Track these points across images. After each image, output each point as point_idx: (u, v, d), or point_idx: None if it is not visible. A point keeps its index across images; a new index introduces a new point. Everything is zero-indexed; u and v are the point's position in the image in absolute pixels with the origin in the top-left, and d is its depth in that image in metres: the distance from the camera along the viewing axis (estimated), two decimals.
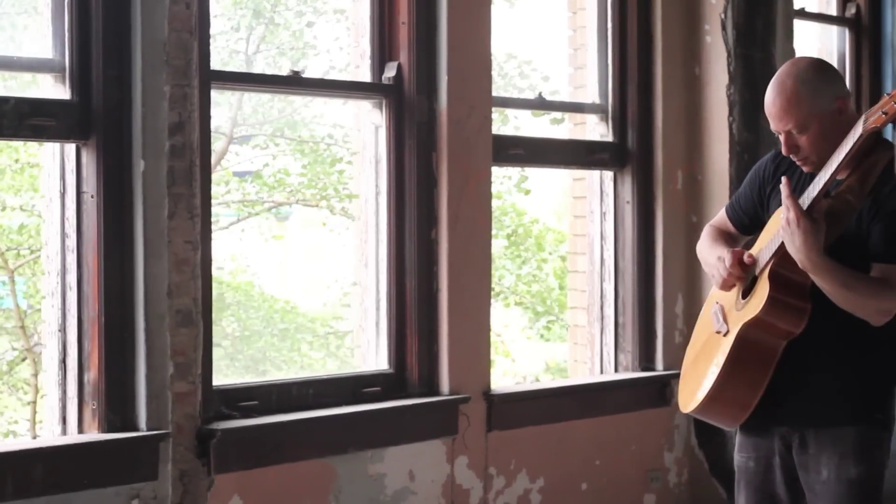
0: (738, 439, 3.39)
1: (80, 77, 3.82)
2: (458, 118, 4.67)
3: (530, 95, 7.50)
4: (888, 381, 3.21)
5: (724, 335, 3.19)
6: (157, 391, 3.90)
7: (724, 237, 3.44)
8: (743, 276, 3.20)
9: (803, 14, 5.96)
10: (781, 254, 3.04)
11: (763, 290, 3.07)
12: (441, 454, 4.64)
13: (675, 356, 5.49)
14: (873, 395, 3.18)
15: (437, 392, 4.67)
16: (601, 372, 5.49)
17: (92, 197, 3.84)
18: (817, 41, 6.59)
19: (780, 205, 3.07)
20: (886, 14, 6.53)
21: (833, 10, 6.54)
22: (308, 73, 5.44)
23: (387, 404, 4.53)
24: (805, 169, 3.13)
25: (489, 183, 4.84)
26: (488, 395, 4.80)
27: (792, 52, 5.67)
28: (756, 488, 3.34)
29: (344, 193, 7.86)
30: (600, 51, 5.41)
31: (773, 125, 3.12)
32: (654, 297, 5.46)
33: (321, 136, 8.14)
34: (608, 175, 5.46)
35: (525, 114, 5.86)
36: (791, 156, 3.12)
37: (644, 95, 5.43)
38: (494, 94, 4.92)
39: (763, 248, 3.15)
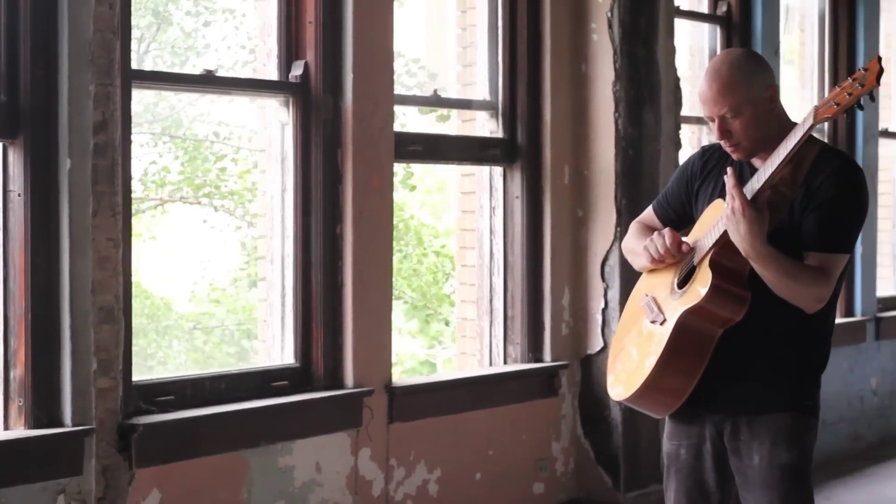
0: (668, 427, 3.67)
1: (9, 77, 4.13)
2: (362, 115, 5.11)
3: (418, 93, 7.98)
4: (817, 369, 3.53)
5: (661, 324, 3.46)
6: (81, 387, 4.25)
7: (651, 232, 3.69)
8: (677, 262, 3.52)
9: (677, 12, 6.55)
10: (723, 243, 3.34)
11: (705, 277, 3.36)
12: (346, 446, 5.09)
13: (563, 348, 6.05)
14: (804, 382, 3.49)
15: (341, 385, 5.11)
16: (490, 364, 6.01)
17: (19, 195, 4.16)
18: (689, 38, 7.21)
19: (709, 199, 3.50)
20: (756, 12, 7.18)
21: (705, 8, 7.17)
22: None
23: (294, 398, 4.94)
24: (735, 156, 3.45)
25: (391, 179, 5.29)
26: (390, 388, 5.26)
27: (673, 49, 6.27)
28: (686, 475, 3.61)
29: (225, 191, 8.19)
30: (490, 49, 5.90)
31: (708, 111, 3.42)
32: (543, 290, 5.99)
33: (205, 135, 8.45)
34: (498, 170, 5.96)
35: (412, 111, 6.29)
36: (723, 141, 3.44)
37: (533, 92, 5.94)
38: None
39: (701, 238, 3.46)
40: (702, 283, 3.38)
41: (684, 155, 6.79)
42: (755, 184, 3.31)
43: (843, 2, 8.05)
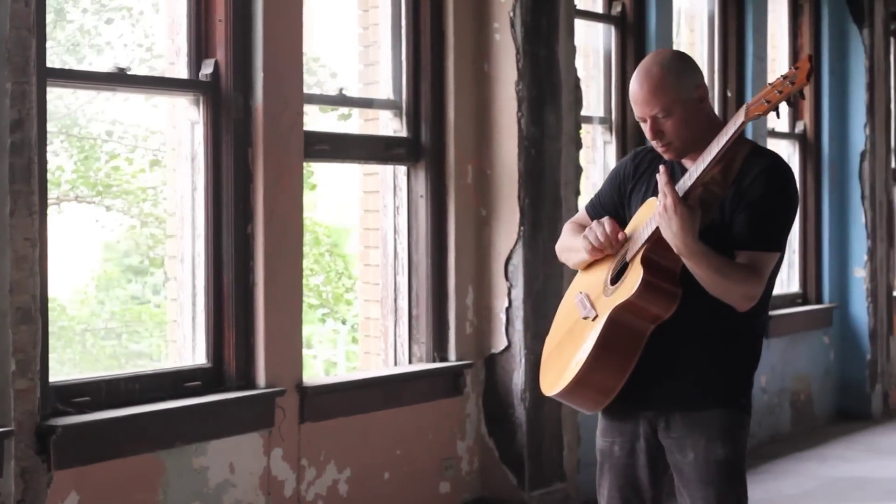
0: (601, 424, 3.83)
1: None
2: (273, 114, 5.31)
3: (318, 91, 8.18)
4: (750, 366, 3.72)
5: (593, 320, 3.63)
6: (0, 389, 4.38)
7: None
8: (611, 257, 3.70)
9: (573, 12, 6.85)
10: (654, 240, 3.52)
11: (636, 273, 3.53)
12: (259, 446, 5.28)
13: (467, 347, 6.32)
14: (737, 379, 3.69)
15: (253, 385, 5.31)
16: (395, 364, 6.24)
17: None
18: (583, 39, 7.53)
19: (642, 200, 3.70)
20: (651, 12, 7.54)
21: (599, 8, 7.51)
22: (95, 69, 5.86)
23: (207, 399, 5.13)
24: (667, 156, 3.64)
25: (301, 178, 5.50)
26: (301, 388, 5.47)
27: (573, 49, 6.58)
28: (619, 472, 3.77)
29: (118, 190, 8.29)
30: (394, 48, 6.15)
31: (639, 111, 3.61)
32: (447, 289, 6.25)
33: (98, 133, 8.52)
34: (402, 170, 6.21)
35: (313, 109, 6.49)
36: (654, 141, 3.63)
37: (437, 91, 6.20)
38: None
39: (633, 236, 3.63)
40: (633, 280, 3.55)
41: (585, 155, 7.13)
42: (687, 182, 3.49)
43: (733, 3, 8.46)
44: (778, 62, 9.35)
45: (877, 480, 7.45)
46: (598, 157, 7.54)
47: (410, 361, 6.24)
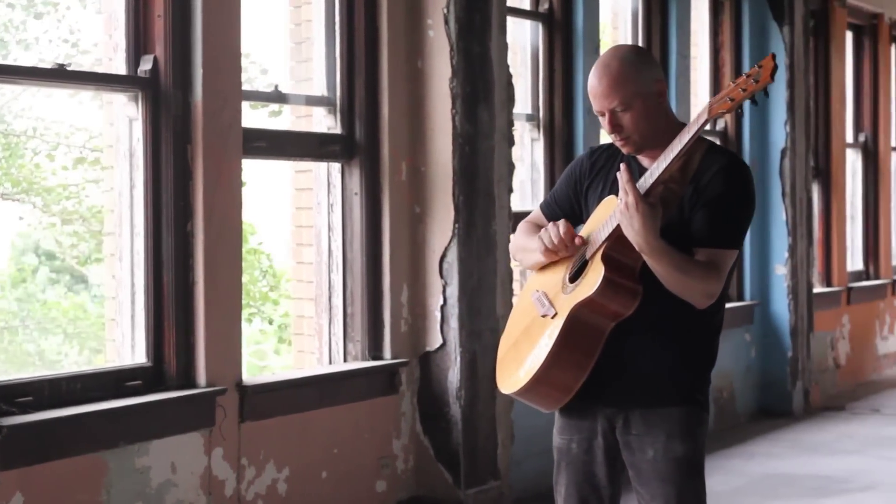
0: (558, 422, 3.92)
1: None
2: (212, 111, 5.42)
3: (248, 88, 8.27)
4: (708, 364, 3.83)
5: (553, 317, 3.72)
6: None
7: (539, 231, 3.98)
8: (568, 257, 3.80)
9: (505, 9, 7.03)
10: (615, 238, 3.61)
11: (597, 271, 3.62)
12: (199, 446, 5.39)
13: (402, 345, 6.47)
14: (696, 377, 3.79)
15: (194, 384, 5.41)
16: (330, 362, 6.38)
17: None
18: (511, 36, 7.72)
19: (599, 198, 3.81)
20: (578, 9, 7.75)
21: (527, 5, 7.70)
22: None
23: (148, 398, 5.22)
24: (625, 150, 3.75)
25: (240, 175, 5.61)
26: (241, 387, 5.59)
27: (505, 46, 6.76)
28: (577, 470, 3.87)
29: (39, 188, 8.30)
30: (328, 44, 6.28)
31: (598, 105, 3.69)
32: (382, 287, 6.40)
33: (22, 129, 8.52)
34: (336, 167, 6.34)
35: (244, 106, 6.58)
36: (613, 135, 3.71)
37: (371, 88, 6.35)
38: None
39: (593, 234, 3.71)
40: (594, 277, 3.64)
41: (517, 151, 7.31)
42: (648, 179, 3.61)
43: (657, 0, 8.71)
44: (699, 59, 9.62)
45: (805, 477, 7.73)
46: (525, 155, 7.74)
47: (345, 360, 6.38)
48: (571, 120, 7.82)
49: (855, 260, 12.12)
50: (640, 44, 8.68)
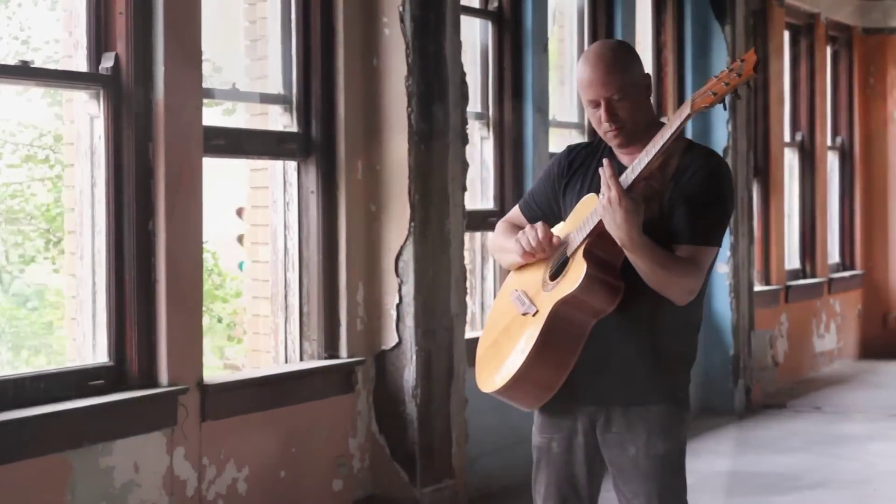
0: (539, 420, 4.00)
1: None
2: (173, 109, 5.48)
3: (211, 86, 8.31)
4: (689, 361, 3.92)
5: (533, 315, 3.79)
6: None
7: (518, 231, 4.02)
8: (546, 258, 3.88)
9: (459, 7, 7.14)
10: (596, 235, 3.70)
11: (579, 268, 3.70)
12: (162, 445, 5.44)
13: (358, 344, 6.56)
14: (676, 374, 3.88)
15: (156, 384, 5.47)
16: (286, 361, 6.45)
17: None
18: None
19: (578, 196, 3.89)
20: (527, 8, 7.88)
21: (477, 3, 7.81)
22: None
23: (111, 397, 5.27)
24: (616, 141, 3.82)
25: (201, 174, 5.67)
26: (202, 386, 5.65)
27: (459, 44, 6.87)
28: (557, 468, 3.95)
29: None
30: (284, 42, 6.35)
31: (594, 93, 3.75)
32: (338, 286, 6.48)
33: None
34: (292, 165, 6.42)
35: None
36: (608, 124, 3.76)
37: (327, 86, 6.43)
38: None
39: (573, 232, 3.80)
40: (576, 274, 3.72)
41: (470, 150, 7.42)
42: (630, 175, 3.69)
43: (602, 1, 8.85)
44: (642, 58, 9.77)
45: (755, 474, 7.91)
46: (475, 154, 7.84)
47: (301, 359, 6.45)
48: (521, 118, 7.94)
49: (792, 258, 12.37)
50: (586, 42, 8.83)
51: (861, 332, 13.62)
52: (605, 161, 3.77)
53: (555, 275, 3.86)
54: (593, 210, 3.77)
